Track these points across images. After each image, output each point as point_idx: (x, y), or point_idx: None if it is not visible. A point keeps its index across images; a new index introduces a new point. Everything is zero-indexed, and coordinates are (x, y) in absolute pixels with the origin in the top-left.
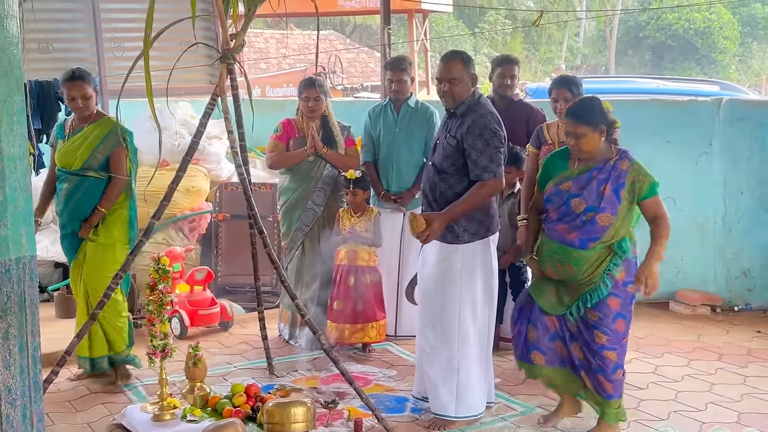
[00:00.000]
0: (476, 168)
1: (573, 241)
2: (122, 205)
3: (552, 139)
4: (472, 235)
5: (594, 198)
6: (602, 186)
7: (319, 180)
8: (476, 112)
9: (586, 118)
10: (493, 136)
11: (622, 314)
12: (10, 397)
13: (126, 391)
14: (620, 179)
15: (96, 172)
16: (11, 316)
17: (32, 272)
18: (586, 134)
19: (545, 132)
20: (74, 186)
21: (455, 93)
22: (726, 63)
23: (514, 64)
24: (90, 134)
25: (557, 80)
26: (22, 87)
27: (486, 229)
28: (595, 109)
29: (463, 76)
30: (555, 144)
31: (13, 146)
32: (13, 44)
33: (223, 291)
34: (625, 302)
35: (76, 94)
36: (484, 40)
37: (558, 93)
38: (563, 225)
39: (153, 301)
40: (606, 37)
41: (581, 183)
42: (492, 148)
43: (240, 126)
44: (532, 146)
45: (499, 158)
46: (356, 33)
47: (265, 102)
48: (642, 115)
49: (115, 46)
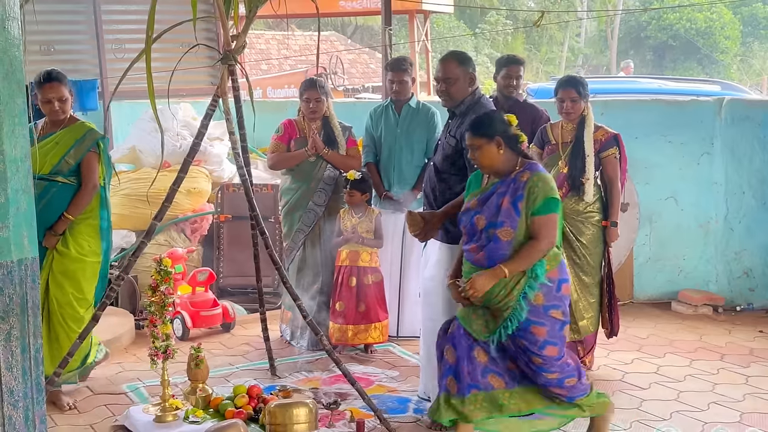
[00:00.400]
0: (473, 167)
1: (482, 261)
2: (93, 214)
3: (555, 139)
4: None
5: (493, 212)
6: (501, 199)
7: (320, 181)
8: (476, 112)
9: (481, 131)
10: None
11: (550, 342)
12: (13, 398)
13: (128, 392)
14: (518, 191)
15: (65, 178)
16: (13, 317)
17: (34, 274)
18: (481, 146)
19: (549, 132)
20: (41, 191)
21: (451, 92)
22: (727, 63)
23: (519, 64)
24: (62, 139)
25: (564, 80)
26: (23, 89)
27: None
28: (493, 122)
29: (459, 75)
30: (559, 144)
31: (15, 148)
32: (14, 46)
33: (224, 292)
34: (552, 329)
35: (52, 96)
36: (486, 41)
37: (564, 93)
38: (473, 245)
39: (155, 302)
40: (607, 37)
41: (483, 199)
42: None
43: (241, 127)
44: (536, 146)
45: None
46: (357, 34)
47: (267, 103)
48: (643, 115)
49: (117, 48)
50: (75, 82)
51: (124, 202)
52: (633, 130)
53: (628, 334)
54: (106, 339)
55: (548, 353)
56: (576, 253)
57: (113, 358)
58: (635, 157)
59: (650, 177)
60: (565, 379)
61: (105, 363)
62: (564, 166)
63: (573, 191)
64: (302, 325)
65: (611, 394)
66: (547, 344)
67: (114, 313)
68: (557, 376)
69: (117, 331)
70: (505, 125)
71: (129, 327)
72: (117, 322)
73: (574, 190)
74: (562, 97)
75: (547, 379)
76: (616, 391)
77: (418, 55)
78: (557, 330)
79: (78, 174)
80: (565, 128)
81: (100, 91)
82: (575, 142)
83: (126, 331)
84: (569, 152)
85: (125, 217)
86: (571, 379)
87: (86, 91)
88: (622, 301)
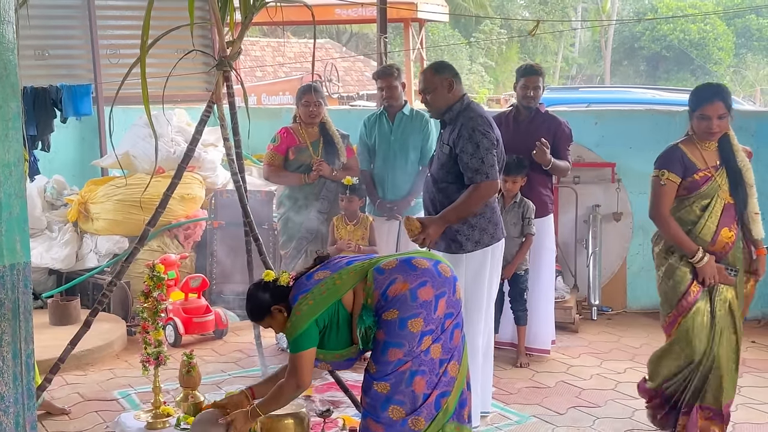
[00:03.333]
0: (468, 171)
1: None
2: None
3: (702, 164)
4: (475, 244)
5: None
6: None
7: (321, 189)
8: (465, 117)
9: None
10: (483, 138)
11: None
12: (3, 404)
13: (119, 399)
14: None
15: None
16: (5, 322)
17: (26, 279)
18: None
19: (689, 156)
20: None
21: (431, 101)
22: (721, 74)
23: (537, 75)
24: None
25: (708, 92)
26: (18, 93)
27: (490, 236)
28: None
29: (436, 84)
30: (710, 170)
31: (9, 152)
32: (9, 50)
33: (217, 299)
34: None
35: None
36: (480, 50)
37: (711, 109)
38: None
39: (147, 308)
40: (601, 48)
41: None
42: (483, 150)
43: (236, 133)
44: (675, 174)
45: (491, 159)
46: (352, 41)
47: (261, 110)
48: (637, 125)
49: (111, 53)
50: (69, 87)
51: (118, 207)
52: (627, 139)
53: (621, 344)
54: (97, 345)
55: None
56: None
57: (105, 365)
58: (629, 166)
59: (644, 187)
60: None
61: (96, 369)
62: (728, 196)
63: (741, 230)
64: None
65: (604, 403)
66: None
67: (106, 318)
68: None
69: (109, 337)
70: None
71: (121, 333)
72: (109, 328)
73: (743, 229)
74: (708, 113)
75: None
76: (608, 401)
77: (413, 64)
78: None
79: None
80: (707, 149)
81: (94, 96)
82: (727, 167)
83: (118, 337)
84: (726, 179)
85: (118, 222)
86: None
87: (80, 96)
88: (615, 310)
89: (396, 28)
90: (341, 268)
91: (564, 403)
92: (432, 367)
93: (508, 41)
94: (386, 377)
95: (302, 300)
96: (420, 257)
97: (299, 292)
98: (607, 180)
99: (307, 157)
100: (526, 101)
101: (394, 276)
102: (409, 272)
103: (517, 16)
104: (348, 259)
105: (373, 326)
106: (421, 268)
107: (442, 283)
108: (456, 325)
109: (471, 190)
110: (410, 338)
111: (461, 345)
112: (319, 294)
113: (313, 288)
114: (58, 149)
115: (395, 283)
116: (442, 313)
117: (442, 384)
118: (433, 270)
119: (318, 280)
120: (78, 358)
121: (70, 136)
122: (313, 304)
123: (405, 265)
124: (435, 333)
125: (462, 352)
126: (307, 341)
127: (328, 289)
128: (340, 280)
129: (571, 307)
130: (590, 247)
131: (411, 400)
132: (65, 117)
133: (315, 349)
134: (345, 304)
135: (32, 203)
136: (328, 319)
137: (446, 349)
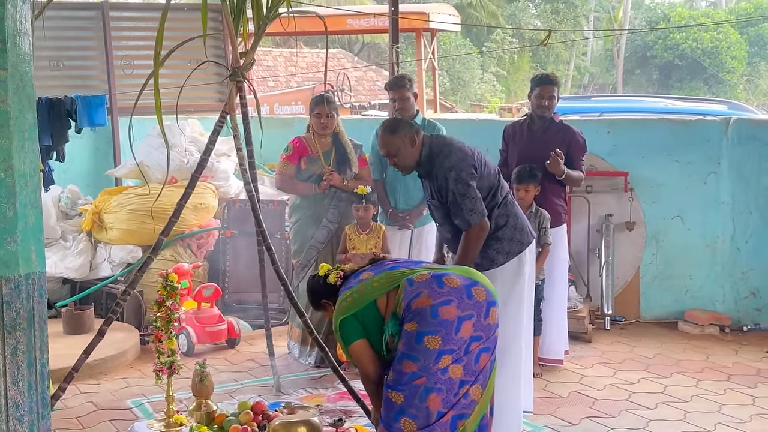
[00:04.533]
0: (457, 219)
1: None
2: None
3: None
4: (506, 256)
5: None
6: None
7: (333, 198)
8: (433, 163)
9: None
10: (457, 183)
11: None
12: (18, 413)
13: (133, 408)
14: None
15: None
16: (20, 331)
17: (41, 288)
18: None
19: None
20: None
21: (400, 162)
22: (734, 83)
23: (551, 85)
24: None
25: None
26: (33, 104)
27: (519, 243)
28: None
29: (397, 144)
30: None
31: (24, 163)
32: (25, 61)
33: (230, 308)
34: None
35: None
36: (492, 59)
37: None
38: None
39: (160, 317)
40: (613, 57)
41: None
42: (460, 195)
43: (249, 143)
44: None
45: (472, 197)
46: (364, 51)
47: (274, 120)
48: (650, 134)
49: (125, 64)
50: (84, 98)
51: (131, 217)
52: (639, 149)
53: (635, 354)
54: (111, 354)
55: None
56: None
57: (118, 374)
58: (642, 176)
59: (657, 196)
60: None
61: (109, 378)
62: None
63: None
64: (310, 341)
65: (617, 414)
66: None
67: (119, 328)
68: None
69: (122, 346)
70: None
71: (134, 342)
72: (122, 337)
73: None
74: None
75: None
76: (622, 411)
77: (425, 73)
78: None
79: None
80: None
81: (108, 106)
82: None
83: (131, 346)
84: None
85: (132, 232)
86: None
87: (95, 106)
88: (629, 320)
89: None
90: (383, 272)
91: (577, 413)
92: (450, 386)
93: (520, 50)
94: (400, 387)
95: (343, 297)
96: (455, 275)
97: (343, 289)
98: (619, 189)
99: (319, 167)
100: (541, 111)
101: (420, 290)
102: (436, 289)
103: (529, 25)
104: (394, 263)
105: (397, 335)
106: (450, 286)
107: (470, 306)
108: (484, 349)
109: (466, 238)
110: (426, 354)
111: (488, 370)
112: (357, 292)
113: (354, 286)
114: (72, 159)
115: (419, 297)
116: (467, 335)
117: (460, 406)
118: (463, 290)
119: (361, 280)
120: (91, 367)
121: (84, 147)
122: (351, 301)
123: (434, 280)
124: (456, 354)
125: (488, 376)
126: (350, 335)
127: (366, 289)
128: (378, 282)
129: (584, 317)
130: (603, 256)
131: (424, 415)
132: (80, 127)
133: (365, 341)
134: (380, 308)
135: (47, 213)
136: (366, 319)
137: (469, 371)
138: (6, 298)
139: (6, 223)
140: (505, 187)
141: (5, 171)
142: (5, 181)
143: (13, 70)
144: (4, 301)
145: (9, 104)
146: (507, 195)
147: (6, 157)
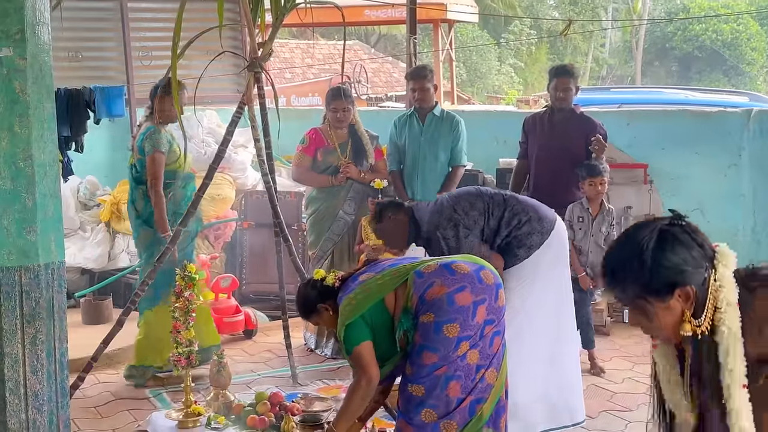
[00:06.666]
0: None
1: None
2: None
3: None
4: (528, 250)
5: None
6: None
7: (349, 190)
8: (429, 230)
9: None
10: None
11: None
12: (38, 402)
13: (151, 398)
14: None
15: None
16: (39, 321)
17: (61, 278)
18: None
19: None
20: None
21: (393, 246)
22: (754, 74)
23: (568, 76)
24: None
25: None
26: (52, 94)
27: (539, 234)
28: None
29: (386, 229)
30: None
31: (44, 153)
32: (44, 51)
33: (247, 299)
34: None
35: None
36: (509, 51)
37: None
38: None
39: (179, 308)
40: (632, 48)
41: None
42: (462, 240)
43: (266, 134)
44: None
45: (469, 244)
46: (381, 43)
47: (291, 111)
48: (670, 126)
49: (144, 55)
50: (102, 88)
51: None
52: (659, 141)
53: None
54: (129, 344)
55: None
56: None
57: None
58: (661, 168)
59: (677, 189)
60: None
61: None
62: None
63: None
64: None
65: (636, 407)
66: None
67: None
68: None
69: None
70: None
71: None
72: None
73: None
74: None
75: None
76: (640, 405)
77: (442, 65)
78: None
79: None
80: None
81: (126, 97)
82: None
83: None
84: None
85: None
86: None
87: (113, 97)
88: None
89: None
90: (384, 269)
91: (596, 406)
92: (468, 372)
93: (538, 42)
94: (421, 380)
95: (346, 301)
96: (462, 262)
97: (344, 294)
98: (639, 181)
99: (335, 159)
100: (558, 102)
101: (432, 279)
102: (448, 276)
103: (547, 16)
104: (392, 261)
105: (411, 329)
106: (461, 273)
107: (482, 290)
108: (496, 333)
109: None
110: (446, 343)
111: (501, 352)
112: (362, 293)
113: (356, 288)
114: (91, 150)
115: (433, 287)
116: (482, 319)
117: (477, 390)
118: (473, 275)
119: (362, 282)
120: (110, 357)
121: (102, 137)
122: (357, 303)
123: (444, 269)
124: (473, 339)
125: (501, 359)
126: (358, 336)
127: (371, 288)
128: (382, 279)
129: (603, 310)
130: None
131: (445, 404)
132: (98, 118)
133: (371, 342)
134: (387, 306)
135: (66, 203)
136: (373, 320)
137: (484, 355)
138: (25, 287)
139: (25, 212)
140: (509, 201)
141: (25, 161)
142: (24, 170)
143: (32, 59)
144: (24, 291)
145: (28, 94)
146: (508, 207)
147: (25, 147)
